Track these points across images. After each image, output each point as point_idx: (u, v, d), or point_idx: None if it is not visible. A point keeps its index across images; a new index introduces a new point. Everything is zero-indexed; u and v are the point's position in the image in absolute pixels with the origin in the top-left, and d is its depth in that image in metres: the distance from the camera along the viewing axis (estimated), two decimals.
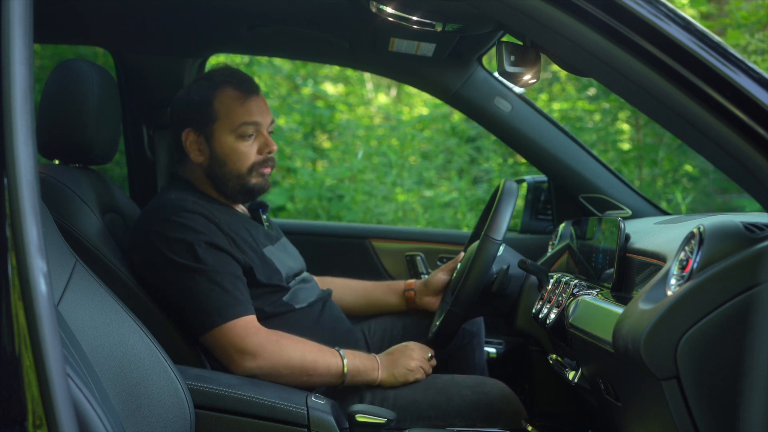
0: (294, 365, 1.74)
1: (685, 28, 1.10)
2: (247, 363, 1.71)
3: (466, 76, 2.37)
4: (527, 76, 1.41)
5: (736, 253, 1.12)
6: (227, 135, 1.87)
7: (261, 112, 1.90)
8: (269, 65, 6.16)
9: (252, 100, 1.89)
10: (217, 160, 1.88)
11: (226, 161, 1.88)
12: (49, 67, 4.77)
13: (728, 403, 1.06)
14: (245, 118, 1.87)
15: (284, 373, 1.73)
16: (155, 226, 1.78)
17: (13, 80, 0.91)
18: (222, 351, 1.74)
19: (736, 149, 1.08)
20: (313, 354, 1.77)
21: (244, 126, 1.87)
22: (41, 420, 0.88)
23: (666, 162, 5.14)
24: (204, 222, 1.78)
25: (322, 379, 1.78)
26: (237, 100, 1.87)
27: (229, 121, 1.87)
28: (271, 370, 1.72)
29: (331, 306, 2.01)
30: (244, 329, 1.74)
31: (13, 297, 0.89)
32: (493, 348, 2.38)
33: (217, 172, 1.89)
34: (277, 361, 1.73)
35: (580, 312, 1.50)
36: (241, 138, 1.87)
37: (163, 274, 1.76)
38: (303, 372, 1.74)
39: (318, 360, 1.76)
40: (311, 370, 1.75)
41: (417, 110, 6.89)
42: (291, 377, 1.74)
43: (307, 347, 1.77)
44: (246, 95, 1.88)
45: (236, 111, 1.87)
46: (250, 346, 1.72)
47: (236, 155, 1.88)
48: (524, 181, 2.66)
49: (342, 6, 2.00)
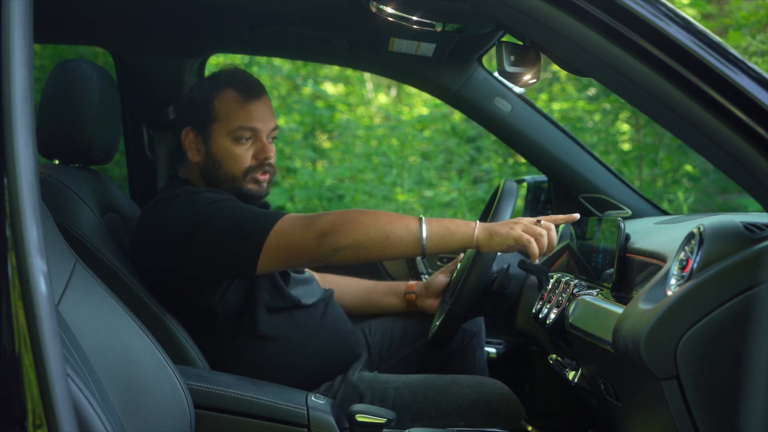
0: (370, 232, 1.64)
1: (685, 28, 1.10)
2: (325, 244, 1.64)
3: (466, 76, 2.37)
4: (527, 76, 1.41)
5: (736, 253, 1.12)
6: (224, 137, 1.86)
7: (261, 117, 1.87)
8: (269, 65, 6.16)
9: (253, 104, 1.87)
10: (213, 161, 1.87)
11: (221, 163, 1.87)
12: (49, 67, 4.77)
13: (728, 403, 1.06)
14: (243, 122, 1.85)
15: (364, 243, 1.64)
16: (164, 215, 1.77)
17: (13, 80, 0.91)
18: (293, 252, 1.68)
19: (736, 149, 1.08)
20: (388, 216, 1.68)
21: (241, 130, 1.85)
22: (41, 420, 0.88)
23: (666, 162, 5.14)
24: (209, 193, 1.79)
25: (404, 245, 1.65)
26: (237, 102, 1.86)
27: (226, 123, 1.85)
28: (352, 242, 1.64)
29: (333, 306, 2.01)
30: (301, 217, 1.69)
31: (13, 297, 0.89)
32: (493, 348, 2.38)
33: (213, 173, 1.88)
34: (354, 231, 1.64)
35: (580, 312, 1.50)
36: (238, 141, 1.85)
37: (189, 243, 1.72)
38: (383, 237, 1.64)
39: (394, 222, 1.66)
40: (389, 233, 1.64)
41: (417, 110, 6.89)
42: (372, 247, 1.65)
43: (379, 212, 1.69)
44: (246, 98, 1.86)
45: (235, 114, 1.85)
46: (318, 226, 1.65)
47: (231, 158, 1.86)
48: (524, 181, 2.66)
49: (342, 6, 2.00)
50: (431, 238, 1.65)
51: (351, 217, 1.66)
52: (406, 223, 1.66)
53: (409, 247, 1.66)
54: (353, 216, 1.67)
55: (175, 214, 1.75)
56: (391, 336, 2.17)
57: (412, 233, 1.65)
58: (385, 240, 1.64)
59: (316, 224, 1.66)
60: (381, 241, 1.64)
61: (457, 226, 1.67)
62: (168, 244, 1.74)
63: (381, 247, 1.65)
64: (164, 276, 1.77)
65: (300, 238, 1.67)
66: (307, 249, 1.67)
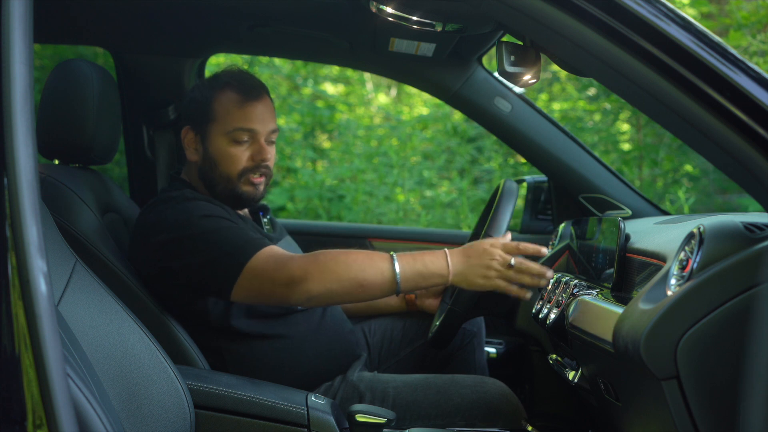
0: (342, 279, 1.65)
1: (685, 28, 1.10)
2: (296, 291, 1.65)
3: (466, 76, 2.37)
4: (527, 76, 1.41)
5: (736, 253, 1.12)
6: (221, 137, 1.85)
7: (260, 119, 1.86)
8: (269, 65, 6.16)
9: (252, 105, 1.85)
10: (209, 161, 1.87)
11: (217, 163, 1.86)
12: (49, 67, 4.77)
13: (728, 403, 1.06)
14: (241, 123, 1.84)
15: (338, 291, 1.65)
16: (156, 214, 1.78)
17: (13, 80, 0.91)
18: (265, 292, 1.68)
19: (736, 149, 1.08)
20: (359, 262, 1.66)
21: (238, 131, 1.84)
22: (41, 420, 0.88)
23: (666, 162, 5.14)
24: (204, 203, 1.79)
25: (377, 287, 1.67)
26: (236, 103, 1.85)
27: (224, 124, 1.85)
28: (323, 289, 1.64)
29: (333, 308, 2.01)
30: (275, 258, 1.68)
31: (13, 297, 0.89)
32: (493, 348, 2.38)
33: (209, 173, 1.88)
34: (326, 279, 1.64)
35: (580, 312, 1.50)
36: (235, 142, 1.85)
37: (172, 253, 1.73)
38: (356, 284, 1.65)
39: (365, 267, 1.66)
40: (362, 279, 1.65)
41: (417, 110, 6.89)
42: (345, 293, 1.66)
43: (350, 256, 1.67)
44: (245, 99, 1.85)
45: (233, 114, 1.84)
46: (289, 272, 1.65)
47: (227, 159, 1.85)
48: (524, 181, 2.66)
49: (342, 6, 2.00)
50: (405, 282, 1.67)
51: (324, 264, 1.66)
52: (380, 267, 1.66)
53: (383, 291, 1.68)
54: (325, 263, 1.66)
55: (168, 217, 1.76)
56: (391, 336, 2.17)
57: (386, 279, 1.66)
58: (359, 287, 1.66)
59: (287, 269, 1.66)
60: (355, 287, 1.66)
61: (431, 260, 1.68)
62: (160, 246, 1.74)
63: (355, 293, 1.68)
64: (158, 277, 1.77)
65: (271, 283, 1.67)
66: (278, 294, 1.68)
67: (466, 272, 1.69)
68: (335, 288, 1.65)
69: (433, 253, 1.71)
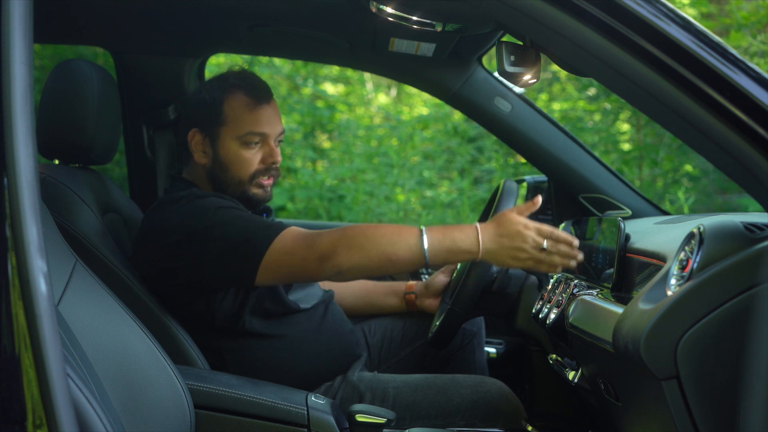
0: (372, 254, 1.64)
1: (685, 28, 1.11)
2: (327, 266, 1.64)
3: (466, 76, 2.37)
4: (527, 76, 1.41)
5: (736, 253, 1.12)
6: (232, 140, 1.85)
7: (270, 122, 1.86)
8: (269, 65, 6.16)
9: (263, 108, 1.86)
10: (220, 164, 1.87)
11: (228, 166, 1.86)
12: (49, 67, 4.77)
13: (728, 403, 1.06)
14: (253, 127, 1.84)
15: (367, 265, 1.65)
16: (167, 215, 1.77)
17: (13, 80, 0.91)
18: (295, 270, 1.68)
19: (736, 149, 1.08)
20: (388, 236, 1.66)
21: (250, 135, 1.84)
22: (41, 420, 0.88)
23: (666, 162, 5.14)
24: (215, 199, 1.79)
25: (406, 262, 1.65)
26: (247, 106, 1.85)
27: (236, 127, 1.84)
28: (353, 263, 1.64)
29: (333, 307, 2.01)
30: (303, 236, 1.68)
31: (13, 297, 0.89)
32: (493, 348, 2.38)
33: (219, 176, 1.87)
34: (356, 254, 1.64)
35: (580, 312, 1.50)
36: (246, 145, 1.85)
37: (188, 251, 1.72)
38: (384, 258, 1.64)
39: (394, 242, 1.65)
40: (391, 254, 1.64)
41: (417, 110, 6.89)
42: (375, 267, 1.66)
43: (380, 230, 1.68)
44: (257, 103, 1.85)
45: (245, 118, 1.84)
46: (319, 249, 1.65)
47: (239, 162, 1.85)
48: (524, 181, 2.66)
49: (342, 6, 2.00)
50: (434, 257, 1.65)
51: (352, 239, 1.65)
52: (408, 242, 1.65)
53: (412, 265, 1.67)
54: (355, 238, 1.66)
55: (180, 216, 1.75)
56: (391, 336, 2.17)
57: (415, 254, 1.65)
58: (388, 261, 1.65)
59: (317, 246, 1.66)
60: (384, 262, 1.65)
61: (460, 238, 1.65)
62: (171, 246, 1.73)
63: (384, 268, 1.67)
64: (165, 278, 1.76)
65: (301, 258, 1.67)
66: (310, 270, 1.68)
67: (497, 251, 1.66)
68: (364, 262, 1.64)
69: (462, 228, 1.68)
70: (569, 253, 1.65)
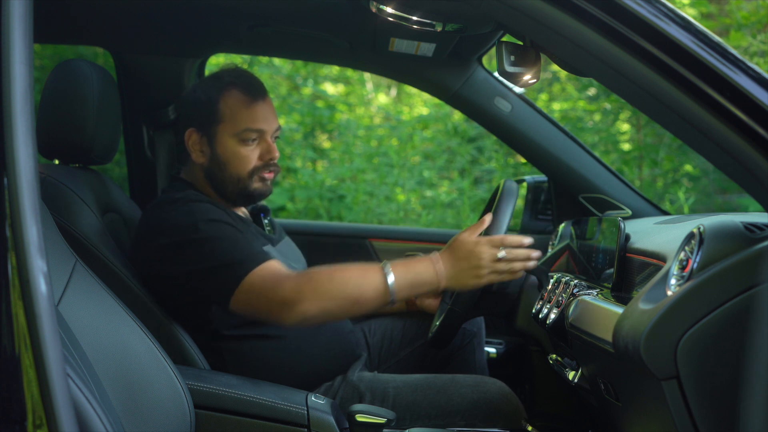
0: (338, 296, 1.65)
1: (685, 28, 1.10)
2: (291, 313, 1.64)
3: (466, 76, 2.37)
4: (527, 76, 1.41)
5: (736, 253, 1.12)
6: (229, 138, 1.85)
7: (266, 118, 1.87)
8: (269, 65, 6.16)
9: (258, 105, 1.86)
10: (218, 163, 1.87)
11: (226, 164, 1.86)
12: (49, 67, 4.77)
13: (728, 403, 1.06)
14: (249, 123, 1.85)
15: (333, 310, 1.66)
16: (161, 215, 1.78)
17: (13, 80, 0.91)
18: (261, 309, 1.68)
19: (736, 149, 1.08)
20: (354, 278, 1.67)
21: (247, 131, 1.84)
22: (41, 420, 0.88)
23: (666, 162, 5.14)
24: (209, 206, 1.79)
25: (372, 302, 1.67)
26: (243, 104, 1.85)
27: (232, 125, 1.85)
28: (318, 310, 1.65)
29: None
30: (272, 276, 1.67)
31: (13, 297, 0.89)
32: (493, 348, 2.38)
33: (217, 174, 1.88)
34: (321, 299, 1.64)
35: (580, 312, 1.50)
36: (244, 142, 1.85)
37: (174, 257, 1.73)
38: (351, 301, 1.66)
39: (361, 283, 1.66)
40: (357, 296, 1.66)
41: (417, 110, 6.89)
42: (341, 311, 1.67)
43: (345, 273, 1.68)
44: (252, 100, 1.86)
45: (241, 115, 1.85)
46: (283, 294, 1.64)
47: (237, 159, 1.86)
48: (524, 181, 2.66)
49: (342, 6, 2.00)
50: (399, 293, 1.68)
51: (317, 284, 1.65)
52: (374, 282, 1.66)
53: (378, 304, 1.69)
54: (318, 283, 1.66)
55: (173, 219, 1.76)
56: (391, 336, 2.17)
57: (380, 292, 1.66)
58: (355, 304, 1.67)
59: (281, 290, 1.65)
60: (350, 305, 1.67)
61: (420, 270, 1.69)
62: (167, 248, 1.74)
63: (350, 311, 1.69)
64: (159, 278, 1.77)
65: (266, 301, 1.67)
66: (273, 314, 1.68)
67: (457, 275, 1.70)
68: (330, 307, 1.66)
69: (422, 260, 1.72)
70: (526, 254, 1.70)
